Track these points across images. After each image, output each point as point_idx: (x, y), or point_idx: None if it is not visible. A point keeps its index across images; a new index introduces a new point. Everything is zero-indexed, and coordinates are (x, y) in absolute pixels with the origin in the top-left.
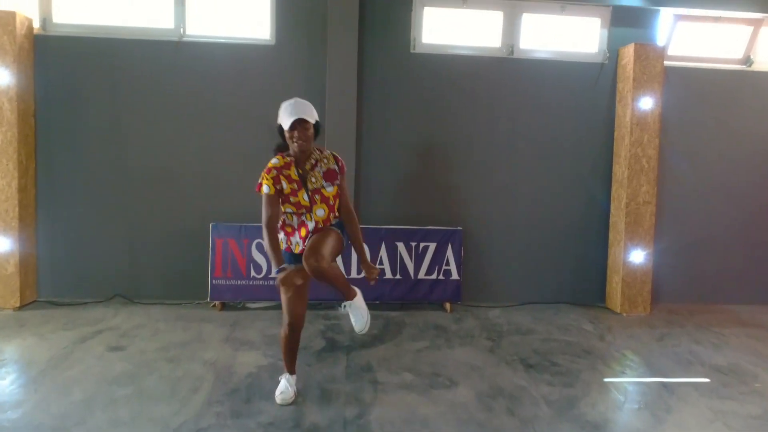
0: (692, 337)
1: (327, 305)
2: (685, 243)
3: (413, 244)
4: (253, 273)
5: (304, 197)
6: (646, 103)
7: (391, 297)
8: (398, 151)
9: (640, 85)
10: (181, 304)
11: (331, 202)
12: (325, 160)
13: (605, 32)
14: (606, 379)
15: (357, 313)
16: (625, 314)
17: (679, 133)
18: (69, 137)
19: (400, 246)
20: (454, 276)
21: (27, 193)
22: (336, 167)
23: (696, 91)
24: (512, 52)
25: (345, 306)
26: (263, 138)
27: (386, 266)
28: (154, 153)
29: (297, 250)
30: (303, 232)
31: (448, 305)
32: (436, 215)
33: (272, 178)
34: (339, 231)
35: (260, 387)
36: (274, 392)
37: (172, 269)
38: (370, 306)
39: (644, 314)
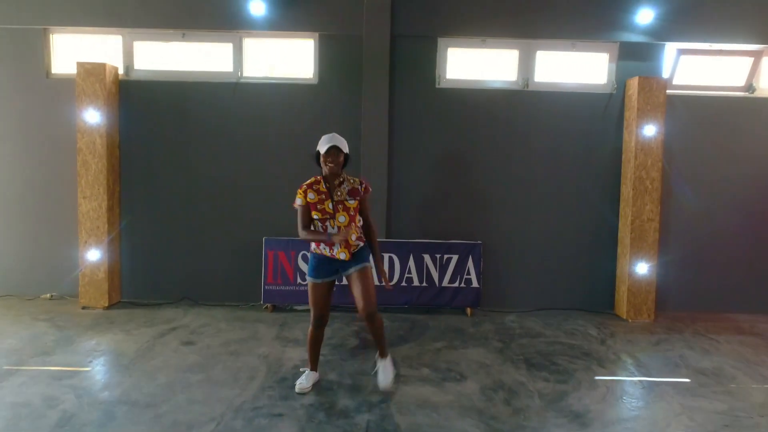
0: (686, 343)
1: None
2: (688, 256)
3: (438, 255)
4: (299, 280)
5: (329, 206)
6: (650, 130)
7: (418, 302)
8: (425, 174)
9: (643, 114)
10: (238, 305)
11: (352, 213)
12: (352, 181)
13: (613, 65)
14: (597, 378)
15: (387, 370)
16: (630, 320)
17: (682, 157)
18: (146, 165)
19: (426, 257)
20: (475, 284)
21: (113, 212)
22: (360, 188)
23: (699, 117)
24: (527, 85)
25: (377, 362)
26: (307, 164)
27: (414, 275)
28: (216, 178)
29: (325, 251)
30: None
31: (468, 310)
32: (458, 230)
33: (303, 192)
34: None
35: None
36: (315, 382)
37: (231, 276)
38: (400, 310)
39: (648, 321)
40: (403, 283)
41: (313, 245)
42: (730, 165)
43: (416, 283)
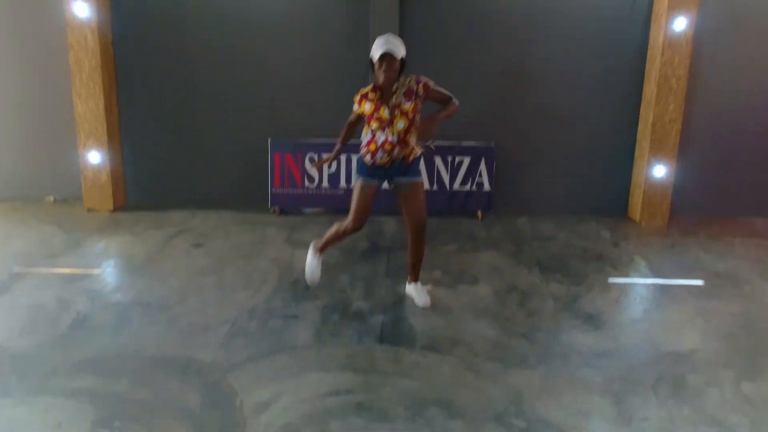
0: (701, 246)
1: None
2: (707, 159)
3: (449, 158)
4: (306, 183)
5: (385, 112)
6: (680, 23)
7: (428, 206)
8: (438, 67)
9: (674, 5)
10: (246, 209)
11: (410, 116)
12: (406, 82)
13: None
14: (610, 280)
15: (422, 292)
16: (644, 224)
17: (711, 56)
18: (144, 62)
19: (437, 160)
20: (486, 188)
21: (111, 112)
22: (415, 87)
23: (732, 14)
24: None
25: (407, 286)
26: (315, 60)
27: (425, 178)
28: (219, 74)
29: (382, 161)
30: (387, 146)
31: (479, 214)
32: (471, 131)
33: (358, 101)
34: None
35: None
36: (327, 285)
37: (238, 179)
38: None
39: (663, 225)
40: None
41: (367, 157)
42: (759, 65)
43: (427, 186)
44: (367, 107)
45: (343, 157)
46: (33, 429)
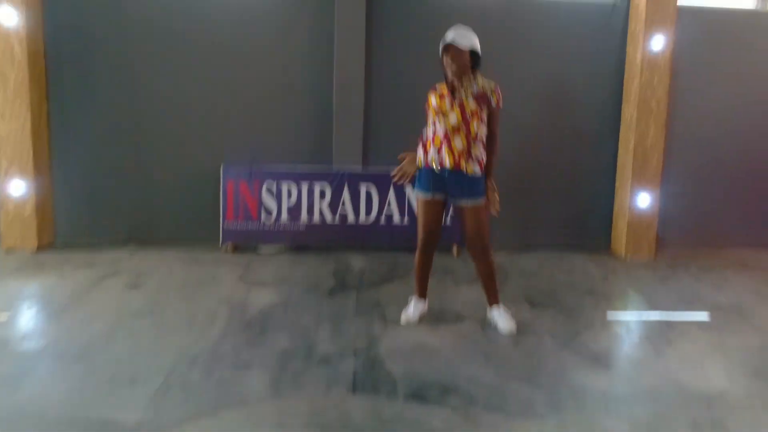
0: (695, 278)
1: (337, 250)
2: (691, 188)
3: None
4: (264, 216)
5: (446, 103)
6: (658, 42)
7: (400, 241)
8: (408, 92)
9: (652, 24)
10: (194, 246)
11: (469, 116)
12: (485, 85)
13: None
14: (608, 315)
15: (504, 317)
16: (629, 258)
17: (690, 76)
18: (80, 78)
19: (408, 190)
20: None
21: (40, 135)
22: (489, 95)
23: (709, 32)
24: None
25: (488, 313)
26: (274, 76)
27: (395, 211)
28: (166, 92)
29: (434, 165)
30: (436, 141)
31: (455, 249)
32: None
33: (429, 94)
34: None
35: (274, 321)
36: (288, 326)
37: (186, 211)
38: (380, 250)
39: (649, 257)
40: (383, 221)
41: (422, 156)
42: (740, 86)
43: (397, 220)
44: (433, 101)
45: (304, 186)
46: None
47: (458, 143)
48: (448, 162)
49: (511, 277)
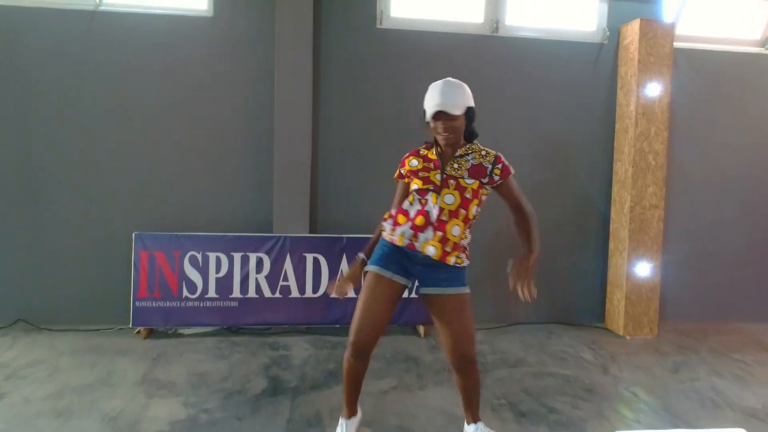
0: (711, 368)
1: (277, 330)
2: (694, 254)
3: None
4: (186, 293)
5: (436, 176)
6: (654, 89)
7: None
8: (360, 146)
9: (646, 68)
10: (98, 330)
11: (468, 196)
12: (482, 155)
13: (605, 7)
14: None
15: None
16: (628, 337)
17: (689, 126)
18: None
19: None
20: None
21: None
22: (489, 167)
23: (708, 76)
24: (497, 29)
25: (468, 428)
26: (198, 130)
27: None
28: (66, 148)
29: (401, 242)
30: (419, 220)
31: (422, 329)
32: None
33: (405, 158)
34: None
35: None
36: None
37: (89, 288)
38: (329, 331)
39: (651, 337)
40: (333, 294)
41: (387, 230)
42: (744, 135)
43: (350, 294)
44: (413, 163)
45: (237, 256)
46: None
47: (455, 231)
48: (432, 251)
49: (492, 369)
